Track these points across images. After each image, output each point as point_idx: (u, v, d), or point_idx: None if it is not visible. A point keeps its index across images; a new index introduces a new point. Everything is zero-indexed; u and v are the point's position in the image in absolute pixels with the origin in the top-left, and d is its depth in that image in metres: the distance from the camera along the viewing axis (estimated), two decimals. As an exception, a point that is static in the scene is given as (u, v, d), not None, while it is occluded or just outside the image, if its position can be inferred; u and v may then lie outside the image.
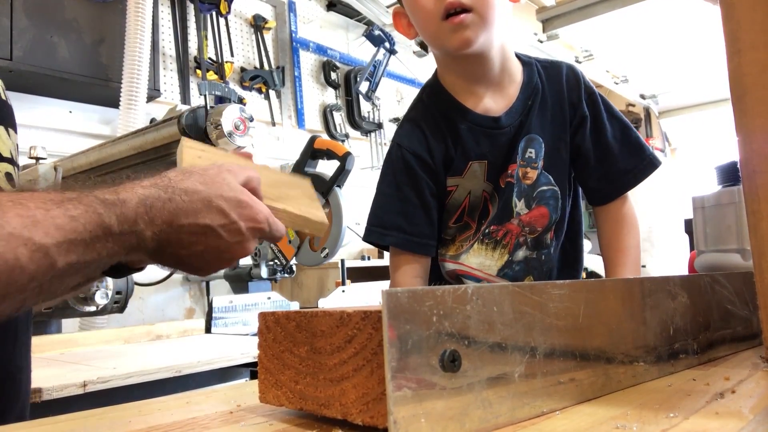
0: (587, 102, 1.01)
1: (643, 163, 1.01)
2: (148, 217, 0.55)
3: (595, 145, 1.00)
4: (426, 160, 0.97)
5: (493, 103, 0.97)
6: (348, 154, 1.35)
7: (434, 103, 1.00)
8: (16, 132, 0.81)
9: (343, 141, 3.50)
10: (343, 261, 2.44)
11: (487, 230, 0.99)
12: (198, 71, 2.91)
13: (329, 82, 3.60)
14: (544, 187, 0.99)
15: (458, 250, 1.01)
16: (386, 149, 1.37)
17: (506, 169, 0.97)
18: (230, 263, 0.64)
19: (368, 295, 2.36)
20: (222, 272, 2.35)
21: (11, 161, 0.76)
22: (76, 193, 0.53)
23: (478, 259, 1.00)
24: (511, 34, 1.02)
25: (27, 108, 2.32)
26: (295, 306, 2.15)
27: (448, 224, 1.01)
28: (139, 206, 0.55)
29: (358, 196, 2.01)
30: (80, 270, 0.52)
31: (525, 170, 0.97)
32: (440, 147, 0.97)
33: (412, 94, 3.61)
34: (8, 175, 0.74)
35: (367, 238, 1.01)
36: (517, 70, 1.00)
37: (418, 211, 0.97)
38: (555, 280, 1.00)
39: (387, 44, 3.56)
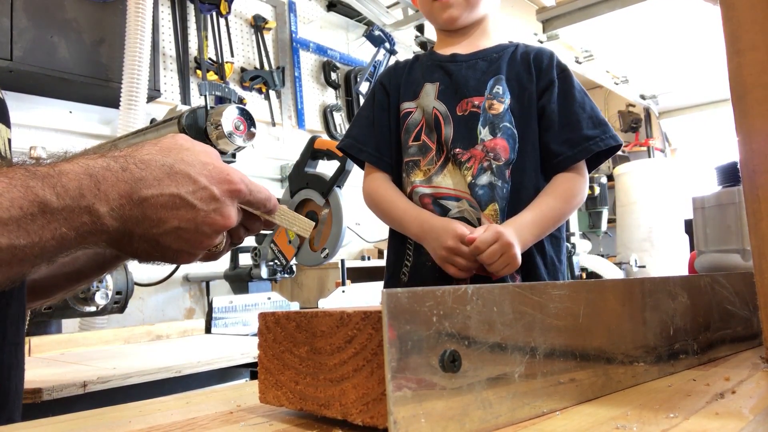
0: (558, 74, 1.12)
1: (606, 135, 1.07)
2: (98, 190, 0.48)
3: (561, 111, 1.09)
4: (386, 86, 1.20)
5: (459, 49, 1.16)
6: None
7: (417, 56, 1.24)
8: (9, 127, 0.75)
9: (343, 141, 3.50)
10: (343, 261, 2.44)
11: (452, 152, 1.09)
12: (198, 71, 2.91)
13: (329, 83, 3.60)
14: (507, 124, 1.09)
15: (426, 174, 1.11)
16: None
17: (466, 96, 1.10)
18: (213, 238, 0.56)
19: (368, 295, 2.36)
20: (222, 272, 2.36)
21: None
22: (2, 168, 0.46)
23: (452, 179, 1.09)
24: (497, 9, 1.21)
25: (27, 108, 2.32)
26: (295, 306, 2.15)
27: (409, 143, 1.13)
28: (84, 177, 0.47)
29: (358, 197, 2.01)
30: (20, 257, 0.44)
31: (491, 102, 1.09)
32: (401, 77, 1.19)
33: (412, 94, 3.60)
34: None
35: (338, 144, 1.26)
36: (495, 36, 1.18)
37: (369, 125, 1.19)
38: (507, 216, 1.05)
39: (387, 44, 3.56)
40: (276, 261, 1.57)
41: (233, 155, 1.45)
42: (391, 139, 1.17)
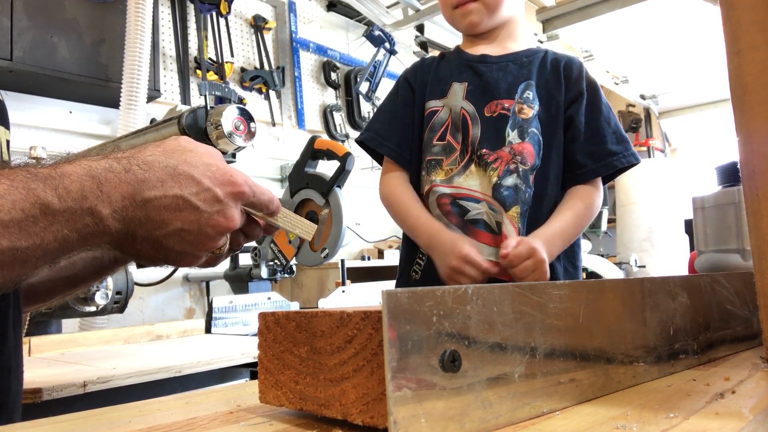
0: (587, 85, 1.12)
1: (628, 152, 1.09)
2: (100, 192, 0.47)
3: (588, 124, 1.10)
4: (411, 82, 1.19)
5: (488, 51, 1.16)
6: (348, 154, 1.35)
7: (443, 54, 1.23)
8: (8, 129, 0.75)
9: (343, 141, 3.51)
10: (343, 261, 2.44)
11: (479, 153, 1.08)
12: (198, 71, 2.91)
13: (329, 83, 3.60)
14: (534, 129, 1.09)
15: (448, 174, 1.10)
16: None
17: (495, 98, 1.10)
18: (216, 240, 0.55)
19: (368, 295, 2.36)
20: (222, 272, 2.36)
21: None
22: (4, 170, 0.46)
23: (475, 181, 1.08)
24: (521, 12, 1.22)
25: (27, 108, 2.32)
26: (295, 306, 2.15)
27: (433, 141, 1.12)
28: (86, 178, 0.47)
29: (358, 197, 2.01)
30: (22, 259, 0.44)
31: (521, 106, 1.10)
32: (427, 74, 1.18)
33: (412, 94, 3.60)
34: None
35: (357, 138, 1.23)
36: (523, 39, 1.18)
37: (391, 120, 1.18)
38: (525, 228, 1.05)
39: (387, 44, 3.56)
40: (276, 261, 1.57)
41: (233, 155, 1.45)
42: (413, 136, 1.16)
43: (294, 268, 2.15)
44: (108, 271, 0.81)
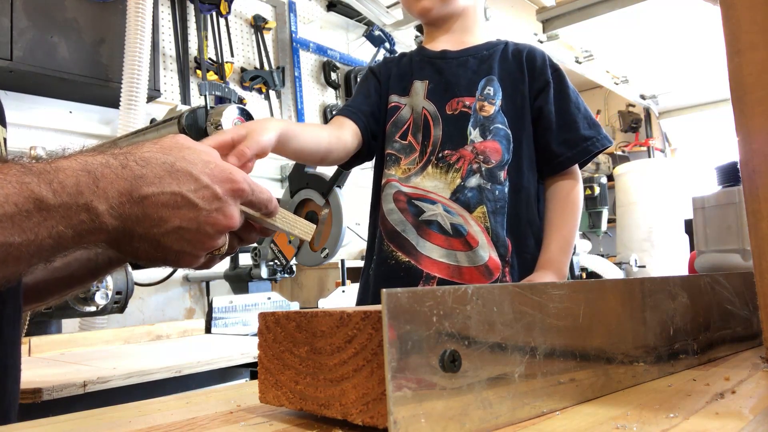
0: (552, 73, 1.13)
1: (600, 136, 1.10)
2: (97, 187, 0.46)
3: (558, 112, 1.10)
4: (376, 73, 1.21)
5: (447, 45, 1.16)
6: (348, 154, 1.35)
7: (404, 53, 1.24)
8: (5, 127, 0.74)
9: (343, 141, 3.50)
10: (343, 261, 2.44)
11: (440, 154, 1.08)
12: (198, 71, 2.91)
13: (329, 83, 3.60)
14: (499, 125, 1.09)
15: (406, 173, 1.10)
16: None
17: (456, 96, 1.10)
18: (215, 240, 0.54)
19: (368, 296, 2.35)
20: (222, 272, 2.36)
21: None
22: None
23: (432, 182, 1.08)
24: (480, 4, 1.21)
25: (27, 108, 2.32)
26: (295, 306, 2.15)
27: (395, 137, 1.13)
28: (82, 174, 0.46)
29: (358, 197, 2.01)
30: (15, 255, 0.43)
31: (482, 104, 1.10)
32: (391, 70, 1.19)
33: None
34: None
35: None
36: (481, 33, 1.18)
37: (360, 98, 1.18)
38: (506, 223, 1.05)
39: (387, 44, 3.56)
40: (276, 261, 1.57)
41: (233, 155, 1.44)
42: (379, 117, 1.15)
43: (294, 268, 2.15)
44: (103, 272, 0.80)
